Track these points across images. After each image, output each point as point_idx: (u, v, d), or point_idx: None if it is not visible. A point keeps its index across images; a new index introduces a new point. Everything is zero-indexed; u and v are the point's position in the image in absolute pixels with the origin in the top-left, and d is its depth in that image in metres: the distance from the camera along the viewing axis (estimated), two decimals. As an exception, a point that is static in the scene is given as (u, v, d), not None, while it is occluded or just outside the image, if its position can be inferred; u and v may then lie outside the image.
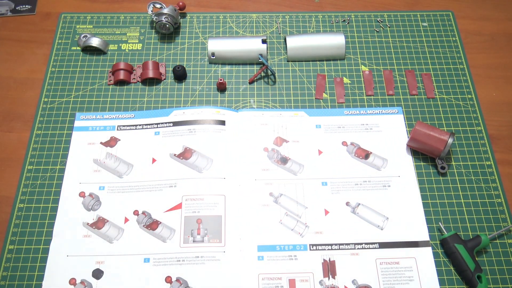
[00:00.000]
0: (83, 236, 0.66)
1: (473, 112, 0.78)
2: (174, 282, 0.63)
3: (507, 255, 0.66)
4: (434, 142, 0.70)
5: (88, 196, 0.70)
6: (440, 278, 0.64)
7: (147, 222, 0.67)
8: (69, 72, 0.82)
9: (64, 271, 0.64)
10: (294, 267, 0.64)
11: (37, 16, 0.88)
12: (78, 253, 0.65)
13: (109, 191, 0.70)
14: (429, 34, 0.86)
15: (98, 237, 0.66)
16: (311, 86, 0.81)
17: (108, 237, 0.66)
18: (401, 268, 0.64)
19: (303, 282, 0.63)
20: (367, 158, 0.73)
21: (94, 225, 0.67)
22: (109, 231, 0.67)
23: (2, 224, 0.68)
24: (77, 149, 0.74)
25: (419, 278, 0.64)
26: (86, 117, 0.77)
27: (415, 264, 0.65)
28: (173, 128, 0.75)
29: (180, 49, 0.85)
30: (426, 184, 0.71)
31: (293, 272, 0.64)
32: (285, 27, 0.87)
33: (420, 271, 0.64)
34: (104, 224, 0.67)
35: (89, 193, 0.70)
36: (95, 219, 0.68)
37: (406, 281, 0.63)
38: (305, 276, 0.64)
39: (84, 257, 0.65)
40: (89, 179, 0.71)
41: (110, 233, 0.67)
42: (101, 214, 0.68)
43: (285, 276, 0.64)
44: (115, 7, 0.90)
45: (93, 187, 0.70)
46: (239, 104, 0.79)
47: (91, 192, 0.70)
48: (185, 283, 0.63)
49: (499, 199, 0.71)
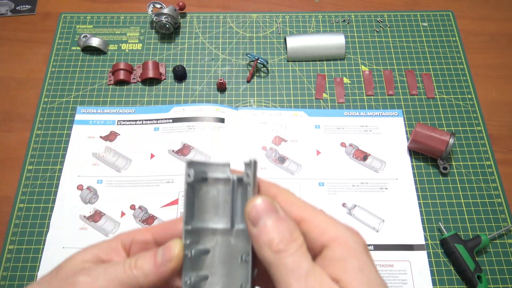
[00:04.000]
0: (79, 229, 0.67)
1: (473, 112, 0.78)
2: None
3: (507, 255, 0.66)
4: (435, 143, 0.70)
5: (85, 189, 0.70)
6: (439, 278, 0.64)
7: (143, 216, 0.68)
8: (69, 72, 0.82)
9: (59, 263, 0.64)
10: None
11: (37, 16, 0.88)
12: (74, 245, 0.65)
13: (107, 185, 0.70)
14: (429, 34, 0.86)
15: (94, 230, 0.67)
16: (311, 86, 0.81)
17: (104, 231, 0.67)
18: (395, 271, 0.64)
19: None
20: (365, 160, 0.73)
21: (91, 218, 0.68)
22: (106, 224, 0.67)
23: (2, 224, 0.68)
24: (76, 142, 0.74)
25: (413, 281, 0.64)
26: (87, 111, 0.77)
27: (410, 268, 0.65)
28: (172, 124, 0.75)
29: (180, 49, 0.85)
30: (426, 184, 0.71)
31: None
32: (285, 27, 0.87)
33: (414, 274, 0.64)
34: (101, 217, 0.68)
35: (87, 186, 0.70)
36: (92, 212, 0.68)
37: (399, 284, 0.63)
38: None
39: None
40: (87, 173, 0.71)
41: (106, 226, 0.67)
42: (98, 208, 0.68)
43: None
44: (115, 7, 0.90)
45: (91, 181, 0.71)
46: (239, 104, 0.79)
47: (89, 185, 0.70)
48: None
49: (499, 199, 0.71)
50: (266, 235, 0.26)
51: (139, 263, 0.29)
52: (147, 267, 0.28)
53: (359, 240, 0.27)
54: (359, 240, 0.27)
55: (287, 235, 0.26)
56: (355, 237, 0.27)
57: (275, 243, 0.25)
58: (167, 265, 0.29)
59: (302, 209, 0.28)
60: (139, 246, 0.32)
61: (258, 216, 0.27)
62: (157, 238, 0.32)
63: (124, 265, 0.29)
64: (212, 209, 0.31)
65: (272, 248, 0.25)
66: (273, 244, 0.25)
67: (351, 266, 0.25)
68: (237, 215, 0.31)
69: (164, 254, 0.29)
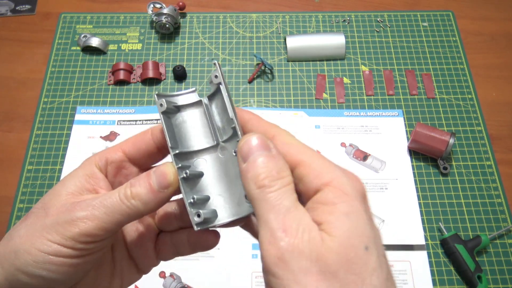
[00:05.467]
0: None
1: (473, 112, 0.78)
2: (168, 278, 0.63)
3: (507, 255, 0.66)
4: (436, 143, 0.70)
5: None
6: (440, 279, 0.64)
7: None
8: (69, 72, 0.82)
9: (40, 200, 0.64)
10: None
11: (37, 16, 0.88)
12: None
13: None
14: (429, 34, 0.86)
15: None
16: (311, 86, 0.81)
17: None
18: (395, 271, 0.64)
19: None
20: (366, 160, 0.73)
21: None
22: None
23: (2, 224, 0.68)
24: (76, 142, 0.74)
25: (413, 281, 0.64)
26: (87, 111, 0.77)
27: (410, 268, 0.64)
28: None
29: (180, 49, 0.85)
30: (426, 184, 0.71)
31: None
32: (285, 27, 0.87)
33: (414, 274, 0.64)
34: None
35: None
36: None
37: (400, 284, 0.63)
38: None
39: None
40: None
41: None
42: None
43: None
44: (115, 7, 0.90)
45: None
46: (239, 104, 0.79)
47: None
48: (179, 278, 0.63)
49: (499, 199, 0.71)
50: (253, 170, 0.26)
51: (135, 192, 0.28)
52: (145, 196, 0.28)
53: (356, 186, 0.25)
54: (357, 185, 0.26)
55: (274, 172, 0.25)
56: (352, 182, 0.25)
57: (260, 178, 0.25)
58: (165, 191, 0.29)
59: (300, 152, 0.27)
60: (114, 166, 0.31)
61: (249, 152, 0.26)
62: (129, 155, 0.32)
63: (120, 195, 0.28)
64: (193, 134, 0.32)
65: (257, 183, 0.25)
66: (259, 179, 0.25)
67: (338, 210, 0.24)
68: (218, 130, 0.32)
69: (160, 181, 0.28)
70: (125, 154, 0.32)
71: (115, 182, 0.32)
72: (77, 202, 0.28)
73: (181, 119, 0.32)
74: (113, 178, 0.32)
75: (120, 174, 0.32)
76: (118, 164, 0.32)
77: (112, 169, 0.32)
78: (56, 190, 0.30)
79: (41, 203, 0.29)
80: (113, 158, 0.31)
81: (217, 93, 0.31)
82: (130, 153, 0.32)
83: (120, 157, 0.32)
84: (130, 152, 0.32)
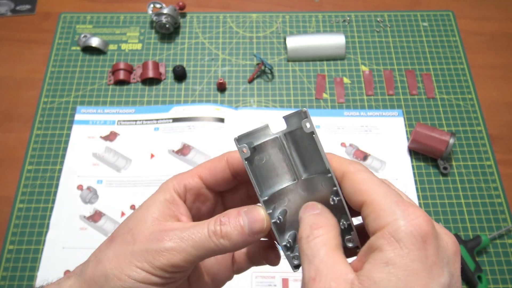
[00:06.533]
0: (79, 229, 0.67)
1: (473, 112, 0.78)
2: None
3: (507, 255, 0.66)
4: (436, 143, 0.70)
5: (85, 189, 0.70)
6: (440, 278, 0.64)
7: None
8: (69, 72, 0.82)
9: (59, 263, 0.64)
10: (288, 267, 0.64)
11: (37, 16, 0.88)
12: (74, 246, 0.65)
13: (107, 185, 0.70)
14: (429, 34, 0.86)
15: (94, 230, 0.67)
16: (311, 86, 0.81)
17: (104, 231, 0.67)
18: None
19: (296, 281, 0.63)
20: (366, 160, 0.73)
21: (91, 218, 0.68)
22: (106, 224, 0.67)
23: (2, 224, 0.68)
24: (76, 142, 0.74)
25: None
26: (87, 111, 0.77)
27: None
28: (172, 124, 0.75)
29: (180, 49, 0.85)
30: (426, 184, 0.71)
31: (287, 272, 0.64)
32: (285, 27, 0.87)
33: None
34: (101, 217, 0.68)
35: (87, 186, 0.70)
36: (92, 212, 0.68)
37: None
38: (298, 276, 0.64)
39: (79, 250, 0.65)
40: (87, 173, 0.71)
41: (106, 226, 0.67)
42: (98, 208, 0.68)
43: (278, 275, 0.64)
44: (115, 7, 0.90)
45: (91, 181, 0.71)
46: (239, 104, 0.79)
47: (89, 185, 0.70)
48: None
49: (499, 199, 0.70)
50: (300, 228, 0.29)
51: (224, 231, 0.29)
52: (236, 238, 0.29)
53: (415, 229, 0.23)
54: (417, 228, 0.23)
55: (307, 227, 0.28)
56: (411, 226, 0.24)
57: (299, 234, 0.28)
58: (255, 236, 0.29)
59: (366, 191, 0.27)
60: (193, 192, 0.32)
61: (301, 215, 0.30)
62: (205, 181, 0.32)
63: (209, 232, 0.29)
64: (272, 172, 0.32)
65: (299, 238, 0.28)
66: (300, 235, 0.28)
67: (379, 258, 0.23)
68: (297, 166, 0.32)
69: (253, 227, 0.29)
70: (202, 181, 0.32)
71: (193, 208, 0.33)
72: (166, 232, 0.29)
73: (257, 158, 0.32)
74: (191, 204, 0.33)
75: (198, 200, 0.33)
76: (196, 191, 0.32)
77: (191, 196, 0.32)
78: (141, 215, 0.31)
79: (126, 227, 0.30)
80: (191, 185, 0.32)
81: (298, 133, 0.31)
82: (206, 179, 0.32)
83: (198, 184, 0.32)
84: (207, 179, 0.32)
